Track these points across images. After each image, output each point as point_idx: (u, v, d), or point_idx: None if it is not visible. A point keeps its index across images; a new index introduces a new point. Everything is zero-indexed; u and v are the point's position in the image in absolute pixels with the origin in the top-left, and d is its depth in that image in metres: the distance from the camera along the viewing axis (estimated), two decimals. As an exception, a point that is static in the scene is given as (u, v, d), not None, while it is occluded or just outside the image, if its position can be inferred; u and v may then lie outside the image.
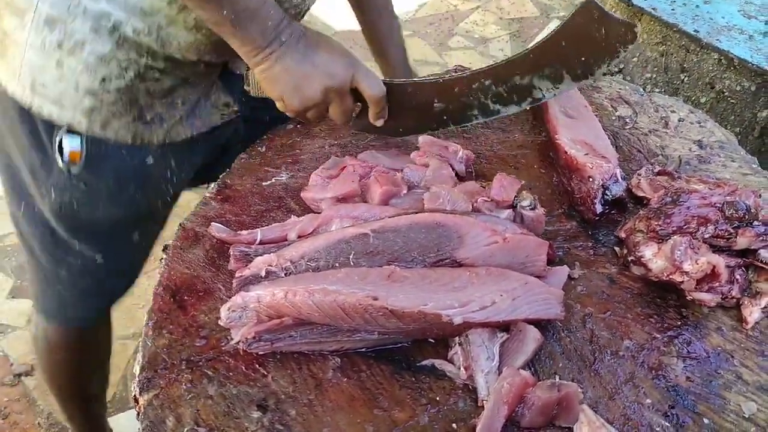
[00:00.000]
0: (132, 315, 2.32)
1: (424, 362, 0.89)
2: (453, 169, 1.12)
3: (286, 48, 1.03)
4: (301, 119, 1.12)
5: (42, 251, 1.33)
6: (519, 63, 1.10)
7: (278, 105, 1.08)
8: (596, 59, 1.08)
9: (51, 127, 1.16)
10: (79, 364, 1.56)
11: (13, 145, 1.24)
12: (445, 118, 1.17)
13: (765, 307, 0.95)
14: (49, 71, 1.12)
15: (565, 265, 1.01)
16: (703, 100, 1.75)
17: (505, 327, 0.90)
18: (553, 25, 4.02)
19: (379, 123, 1.13)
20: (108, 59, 1.10)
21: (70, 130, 1.16)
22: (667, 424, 0.84)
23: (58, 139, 1.16)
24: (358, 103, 1.10)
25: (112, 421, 2.03)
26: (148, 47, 1.09)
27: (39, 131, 1.18)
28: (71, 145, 1.17)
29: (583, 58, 1.08)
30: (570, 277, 1.00)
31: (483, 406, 0.82)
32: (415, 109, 1.16)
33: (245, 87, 1.18)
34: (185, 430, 0.81)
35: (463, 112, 1.16)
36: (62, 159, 1.18)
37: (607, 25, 1.03)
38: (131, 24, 1.07)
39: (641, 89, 1.40)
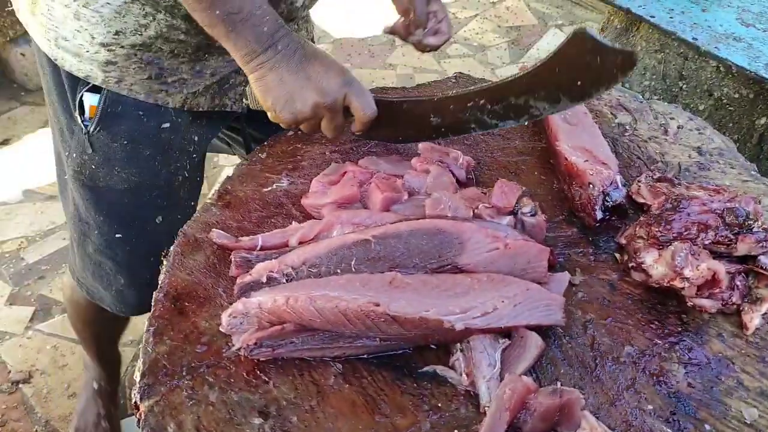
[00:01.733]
0: (132, 322, 2.32)
1: (426, 368, 0.89)
2: (454, 176, 1.13)
3: (282, 57, 1.02)
4: (293, 129, 1.12)
5: (70, 219, 1.38)
6: (512, 85, 1.08)
7: (269, 115, 1.07)
8: (593, 85, 1.04)
9: (75, 83, 1.19)
10: (100, 319, 1.62)
11: (54, 102, 1.27)
12: (443, 129, 1.16)
13: (765, 314, 0.96)
14: (69, 23, 1.14)
15: (566, 272, 1.01)
16: (701, 107, 1.76)
17: (507, 333, 0.90)
18: (552, 33, 4.04)
19: (359, 132, 1.12)
20: (123, 12, 1.11)
21: (92, 89, 1.19)
22: (668, 430, 0.84)
23: (79, 95, 1.20)
24: (352, 117, 1.10)
25: (111, 428, 2.02)
26: (165, 2, 1.09)
27: (65, 89, 1.21)
28: (90, 101, 1.20)
29: (579, 83, 1.04)
30: (571, 284, 1.00)
31: (485, 413, 0.82)
32: (412, 122, 1.16)
33: (244, 100, 1.19)
34: (186, 436, 0.81)
35: (460, 126, 1.15)
36: (82, 116, 1.21)
37: (602, 53, 0.99)
38: None
39: (640, 96, 1.40)
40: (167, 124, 1.21)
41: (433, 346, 0.91)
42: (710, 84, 1.71)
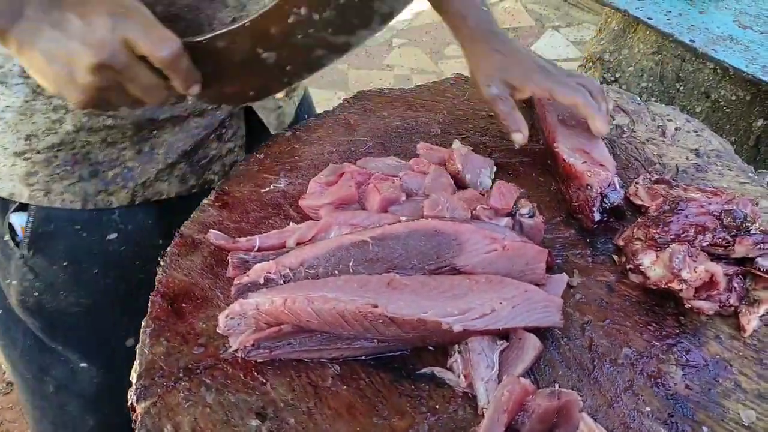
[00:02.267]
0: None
1: (424, 370, 0.89)
2: (452, 177, 1.13)
3: (35, 25, 0.76)
4: (107, 110, 0.87)
5: (20, 361, 1.14)
6: None
7: (70, 106, 0.88)
8: None
9: (4, 204, 1.04)
10: None
11: None
12: (288, 68, 0.92)
13: (763, 315, 0.96)
14: None
15: (564, 273, 1.01)
16: (698, 109, 1.77)
17: (505, 335, 0.90)
18: (549, 34, 4.04)
19: (193, 91, 0.86)
20: (28, 113, 0.95)
21: (19, 208, 1.03)
22: (666, 432, 0.84)
23: (7, 217, 1.03)
24: (197, 73, 0.87)
25: (106, 429, 2.02)
26: None
27: None
28: (18, 222, 1.03)
29: None
30: (569, 285, 1.00)
31: (483, 415, 0.82)
32: (245, 65, 0.91)
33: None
34: (183, 438, 0.80)
35: (303, 57, 0.91)
36: (14, 240, 1.04)
37: None
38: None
39: (638, 98, 1.40)
40: (113, 235, 1.04)
41: (431, 348, 0.91)
42: (707, 86, 1.72)
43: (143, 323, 0.93)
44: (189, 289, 0.98)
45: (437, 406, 0.85)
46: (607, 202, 1.09)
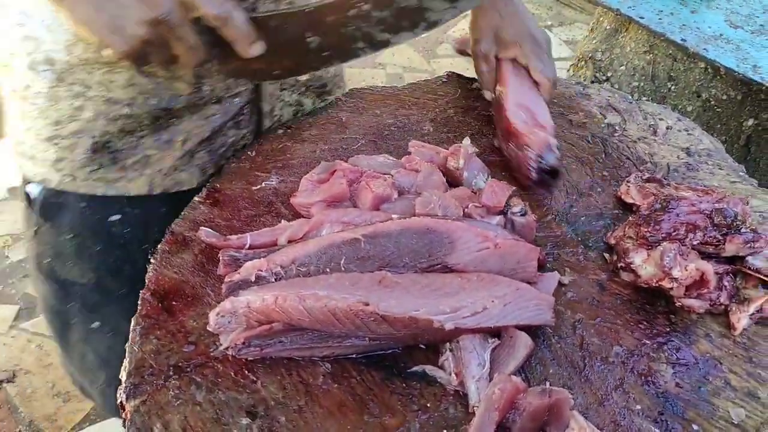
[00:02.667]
0: (117, 321, 2.31)
1: (415, 368, 0.88)
2: (444, 175, 1.12)
3: None
4: (143, 65, 0.88)
5: (47, 312, 1.24)
6: None
7: (104, 53, 0.89)
8: None
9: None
10: None
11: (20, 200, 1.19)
12: (325, 54, 0.98)
13: (753, 314, 0.96)
14: (19, 123, 1.05)
15: (556, 271, 1.01)
16: (689, 108, 1.77)
17: (496, 333, 0.90)
18: (541, 33, 4.05)
19: (256, 50, 0.90)
20: (54, 98, 1.00)
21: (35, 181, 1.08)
22: (656, 430, 0.84)
23: (24, 187, 1.12)
24: (261, 43, 0.92)
25: (96, 428, 2.01)
26: (94, 76, 0.96)
27: (22, 183, 1.13)
28: (33, 193, 1.10)
29: None
30: (560, 284, 1.00)
31: (474, 413, 0.82)
32: (287, 46, 0.96)
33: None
34: (173, 436, 0.80)
35: (345, 46, 0.97)
36: (31, 208, 1.11)
37: None
38: (58, 45, 0.92)
39: (630, 97, 1.41)
40: (116, 217, 1.07)
41: (422, 346, 0.91)
42: (698, 85, 1.72)
43: (133, 321, 0.92)
44: (179, 287, 0.97)
45: (428, 405, 0.85)
46: (543, 162, 1.11)
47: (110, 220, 1.07)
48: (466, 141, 1.14)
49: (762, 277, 0.98)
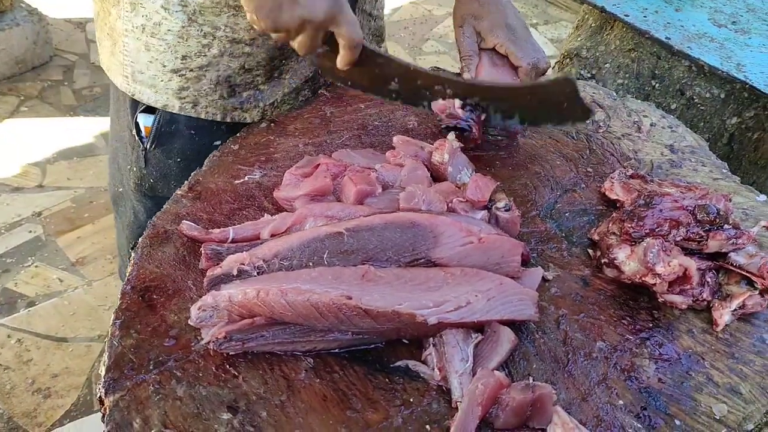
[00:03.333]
0: (98, 316, 2.28)
1: (398, 363, 0.88)
2: (428, 168, 1.12)
3: None
4: (263, 34, 1.13)
5: (126, 228, 1.44)
6: (484, 89, 1.18)
7: (248, 16, 1.05)
8: (547, 119, 1.20)
9: (135, 106, 1.27)
10: None
11: (118, 123, 1.36)
12: (395, 96, 1.21)
13: (735, 310, 0.96)
14: (142, 56, 1.20)
15: (540, 267, 1.01)
16: (673, 106, 1.78)
17: (480, 328, 0.90)
18: (527, 31, 4.07)
19: (344, 67, 1.10)
20: (185, 36, 1.16)
21: (146, 110, 1.26)
22: (639, 425, 0.84)
23: (135, 117, 1.27)
24: (326, 46, 1.09)
25: (76, 424, 1.98)
26: (221, 19, 1.14)
27: (128, 112, 1.29)
28: (144, 122, 1.27)
29: (537, 113, 1.19)
30: (544, 279, 1.00)
31: (457, 408, 0.81)
32: (376, 77, 1.18)
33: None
34: (152, 432, 0.79)
35: (414, 99, 1.22)
36: (139, 135, 1.29)
37: (571, 101, 1.14)
38: None
39: (614, 94, 1.41)
40: (219, 142, 1.23)
41: (405, 341, 0.90)
42: (682, 83, 1.73)
43: (113, 315, 0.91)
44: (161, 281, 0.96)
45: (411, 399, 0.84)
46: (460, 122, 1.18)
47: (214, 144, 1.23)
48: (451, 136, 1.14)
49: (744, 273, 0.98)
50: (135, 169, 1.33)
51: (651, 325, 0.96)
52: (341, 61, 1.09)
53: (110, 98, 1.38)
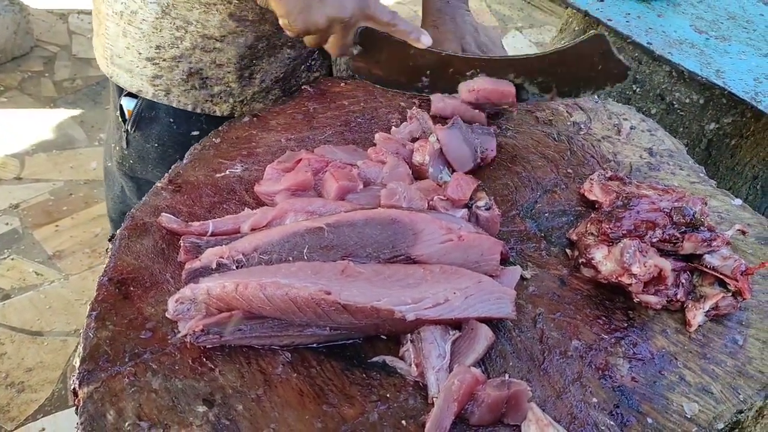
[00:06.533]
0: (74, 311, 2.26)
1: (375, 359, 0.88)
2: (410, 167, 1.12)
3: None
4: (297, 39, 1.15)
5: (113, 199, 1.49)
6: (517, 64, 1.19)
7: (280, 21, 1.07)
8: (585, 85, 1.19)
9: (119, 89, 1.31)
10: None
11: (110, 107, 1.40)
12: (424, 90, 1.25)
13: (708, 311, 0.98)
14: (120, 41, 1.23)
15: (518, 266, 1.02)
16: (653, 111, 1.80)
17: (458, 325, 0.90)
18: (511, 35, 4.08)
19: (426, 41, 1.13)
20: (159, 27, 1.19)
21: (129, 95, 1.29)
22: (612, 423, 0.85)
23: (119, 100, 1.31)
24: (359, 46, 1.13)
25: (50, 419, 1.97)
26: (193, 14, 1.17)
27: (116, 94, 1.33)
28: (127, 106, 1.30)
29: (573, 81, 1.18)
30: (522, 278, 1.01)
31: (433, 404, 0.82)
32: (405, 70, 1.22)
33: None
34: (126, 424, 0.78)
35: (446, 90, 1.24)
36: (122, 118, 1.32)
37: (605, 59, 1.13)
38: None
39: (596, 97, 1.42)
40: (196, 132, 1.26)
41: (383, 337, 0.91)
42: (663, 88, 1.75)
43: (89, 306, 0.90)
44: (138, 273, 0.95)
45: (388, 395, 0.85)
46: None
47: (191, 134, 1.27)
48: (432, 137, 1.14)
49: (718, 275, 0.99)
50: (118, 148, 1.37)
51: (626, 324, 0.97)
52: (410, 38, 1.12)
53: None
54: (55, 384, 2.05)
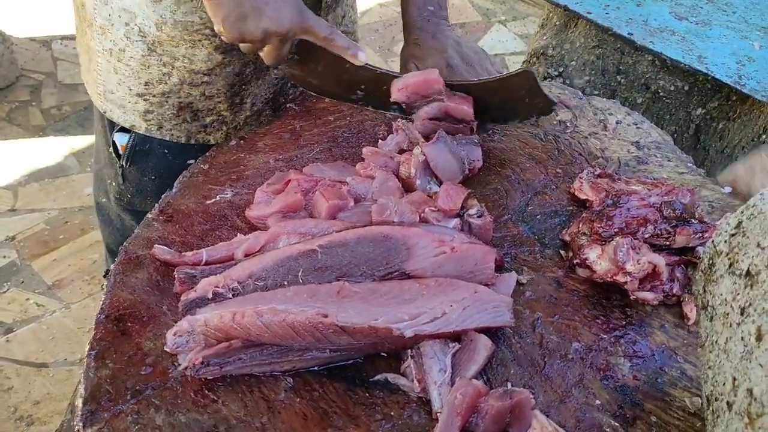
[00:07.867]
0: (77, 339, 2.26)
1: (377, 377, 0.88)
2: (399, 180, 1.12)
3: None
4: (232, 48, 1.17)
5: (109, 236, 1.51)
6: (455, 86, 1.22)
7: (215, 27, 1.06)
8: (512, 115, 1.25)
9: (111, 126, 1.32)
10: None
11: (99, 140, 1.42)
12: (361, 102, 1.28)
13: (705, 303, 0.98)
14: (111, 77, 1.25)
15: (513, 272, 1.02)
16: (639, 100, 1.80)
17: (457, 337, 0.90)
18: (495, 29, 4.08)
19: (362, 57, 1.13)
20: (146, 64, 1.21)
21: (121, 130, 1.30)
22: (616, 423, 0.86)
23: (111, 136, 1.33)
24: (295, 56, 1.14)
25: (62, 450, 1.96)
26: (179, 50, 1.18)
27: (106, 130, 1.35)
28: (120, 141, 1.32)
29: (501, 110, 1.23)
30: (518, 283, 1.01)
31: (437, 419, 0.82)
32: (340, 82, 1.23)
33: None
34: (134, 462, 0.78)
35: (380, 105, 1.27)
36: (116, 153, 1.33)
37: (533, 94, 1.17)
38: (149, 21, 1.15)
39: (580, 93, 1.42)
40: (192, 161, 1.25)
41: (384, 354, 0.91)
42: (647, 77, 1.75)
43: (87, 346, 0.90)
44: (135, 308, 0.95)
45: (392, 413, 0.85)
46: None
47: (188, 163, 1.24)
48: (417, 150, 1.14)
49: (712, 266, 1.00)
50: (114, 184, 1.39)
51: (624, 322, 0.98)
52: (347, 55, 1.12)
53: (93, 111, 1.43)
54: (64, 414, 2.05)
